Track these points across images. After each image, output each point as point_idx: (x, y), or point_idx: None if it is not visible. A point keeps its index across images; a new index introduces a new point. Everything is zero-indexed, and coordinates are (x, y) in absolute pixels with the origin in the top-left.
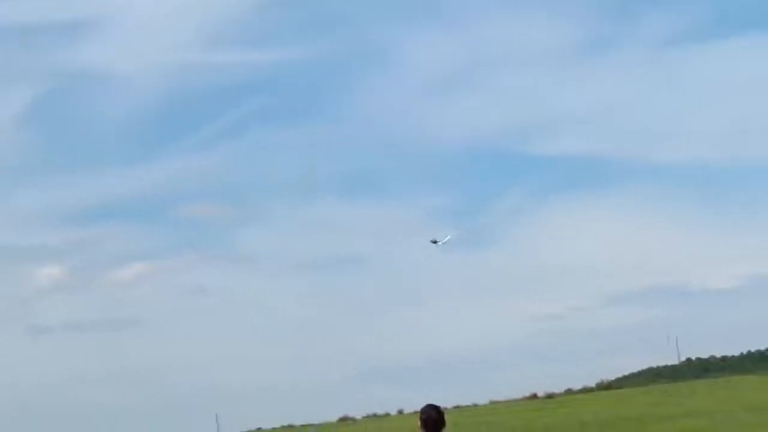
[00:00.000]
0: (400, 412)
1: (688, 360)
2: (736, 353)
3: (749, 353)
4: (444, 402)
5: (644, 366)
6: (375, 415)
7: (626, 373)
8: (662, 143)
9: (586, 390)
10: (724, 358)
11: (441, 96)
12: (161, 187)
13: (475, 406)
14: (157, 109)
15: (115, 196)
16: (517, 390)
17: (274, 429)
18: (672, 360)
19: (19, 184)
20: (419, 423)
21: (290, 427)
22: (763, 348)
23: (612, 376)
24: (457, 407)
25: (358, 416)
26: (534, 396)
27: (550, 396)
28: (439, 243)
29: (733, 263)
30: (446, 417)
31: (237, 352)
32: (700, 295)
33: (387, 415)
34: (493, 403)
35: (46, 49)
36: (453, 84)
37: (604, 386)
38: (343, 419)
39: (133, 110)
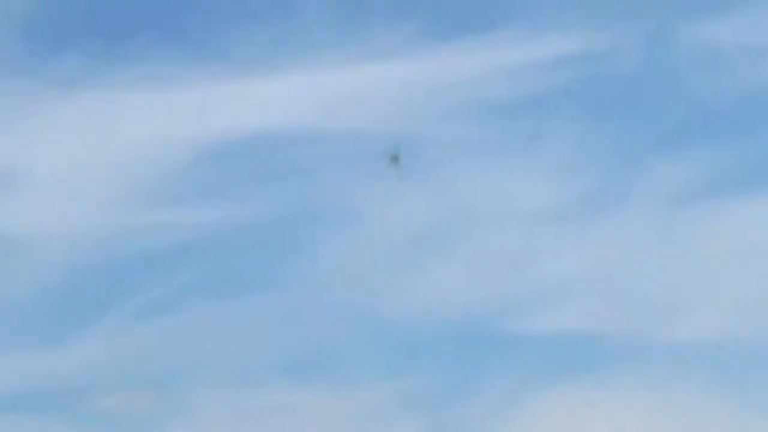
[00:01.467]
0: None
1: None
2: None
3: None
4: None
5: None
6: None
7: None
8: (678, 318)
9: None
10: None
11: (410, 261)
12: (74, 374)
13: None
14: (71, 281)
15: (19, 386)
16: None
17: None
18: None
19: None
20: None
21: None
22: None
23: None
24: None
25: None
26: None
27: None
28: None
29: None
30: None
31: None
32: None
33: None
34: None
35: None
36: (425, 247)
37: None
38: None
39: (43, 283)
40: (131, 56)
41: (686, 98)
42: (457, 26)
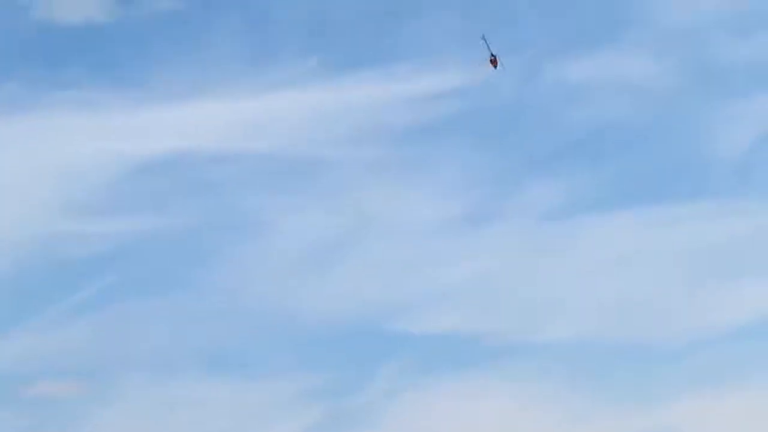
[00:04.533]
0: None
1: None
2: None
3: None
4: None
5: None
6: None
7: None
8: (546, 320)
9: None
10: None
11: (313, 269)
12: (9, 365)
13: None
14: (11, 280)
15: None
16: None
17: None
18: None
19: None
20: None
21: None
22: None
23: None
24: None
25: None
26: None
27: None
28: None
29: None
30: None
31: None
32: None
33: None
34: None
35: None
36: (326, 257)
37: None
38: None
39: None
40: (66, 83)
41: (553, 128)
42: (357, 60)
